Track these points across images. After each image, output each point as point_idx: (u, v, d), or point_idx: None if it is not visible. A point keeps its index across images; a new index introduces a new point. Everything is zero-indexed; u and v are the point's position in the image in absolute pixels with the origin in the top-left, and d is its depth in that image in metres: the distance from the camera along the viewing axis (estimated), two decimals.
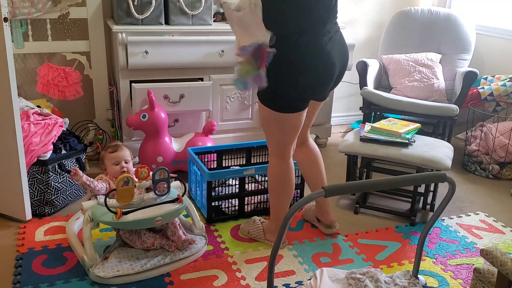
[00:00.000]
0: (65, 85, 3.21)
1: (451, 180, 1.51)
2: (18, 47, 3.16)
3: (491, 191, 3.26)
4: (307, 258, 2.42)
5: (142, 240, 2.29)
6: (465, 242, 2.63)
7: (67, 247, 2.41)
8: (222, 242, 2.52)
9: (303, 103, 2.22)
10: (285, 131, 2.27)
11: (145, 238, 2.30)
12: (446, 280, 2.30)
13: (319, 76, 2.16)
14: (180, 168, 3.17)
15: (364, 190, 2.84)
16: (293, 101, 2.19)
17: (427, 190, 2.88)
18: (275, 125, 2.27)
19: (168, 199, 2.29)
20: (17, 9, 3.04)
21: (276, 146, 2.35)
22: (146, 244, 2.29)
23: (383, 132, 2.80)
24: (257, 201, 2.80)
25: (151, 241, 2.30)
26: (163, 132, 3.08)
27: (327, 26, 2.13)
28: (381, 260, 2.44)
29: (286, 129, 2.27)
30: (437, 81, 3.58)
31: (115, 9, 3.15)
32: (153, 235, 2.32)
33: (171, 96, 3.14)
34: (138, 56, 3.05)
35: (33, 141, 2.61)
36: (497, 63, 3.86)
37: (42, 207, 2.69)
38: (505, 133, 3.37)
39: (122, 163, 2.39)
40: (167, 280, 2.21)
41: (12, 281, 2.16)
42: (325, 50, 2.12)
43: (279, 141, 2.32)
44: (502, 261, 1.50)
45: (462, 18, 3.72)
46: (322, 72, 2.15)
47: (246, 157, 3.12)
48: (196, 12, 3.20)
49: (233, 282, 2.22)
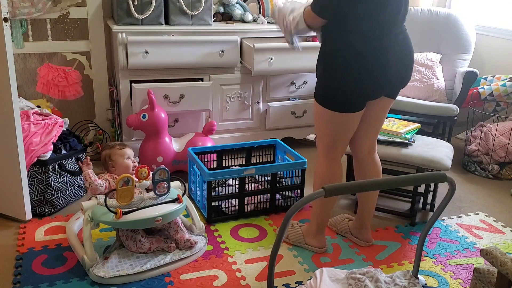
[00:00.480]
0: (65, 85, 3.22)
1: (451, 180, 1.52)
2: (18, 47, 3.17)
3: (491, 191, 3.26)
4: (307, 258, 2.42)
5: (137, 246, 2.27)
6: (465, 242, 2.63)
7: (67, 247, 2.41)
8: (222, 242, 2.52)
9: (356, 104, 2.15)
10: (336, 131, 2.22)
11: (140, 245, 2.28)
12: (446, 280, 2.30)
13: (373, 78, 2.09)
14: (180, 168, 3.17)
15: (364, 190, 2.81)
16: (345, 101, 2.14)
17: (427, 190, 2.88)
18: (326, 125, 2.22)
19: (168, 199, 2.29)
20: (17, 9, 3.04)
21: (325, 147, 2.27)
22: (142, 250, 2.28)
23: (383, 132, 2.79)
24: (257, 201, 2.80)
25: (147, 246, 2.29)
26: (163, 132, 3.08)
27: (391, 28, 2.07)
28: (381, 260, 2.44)
29: (337, 130, 2.21)
30: (437, 81, 3.58)
31: (115, 9, 3.15)
32: (149, 240, 2.31)
33: (171, 96, 3.14)
34: (138, 56, 3.05)
35: (33, 141, 2.61)
36: (497, 63, 3.86)
37: (42, 207, 2.69)
38: (505, 133, 3.37)
39: (131, 158, 2.43)
40: (167, 280, 2.21)
41: (12, 281, 2.16)
42: (382, 53, 2.06)
43: (329, 141, 2.25)
44: (502, 261, 1.50)
45: (462, 18, 3.72)
46: (377, 74, 2.08)
47: (246, 157, 3.12)
48: (196, 12, 3.20)
49: (233, 282, 2.22)
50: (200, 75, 3.32)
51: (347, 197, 3.08)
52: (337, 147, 2.27)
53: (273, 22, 3.50)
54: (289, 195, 2.90)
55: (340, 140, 2.26)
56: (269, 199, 2.81)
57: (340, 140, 2.26)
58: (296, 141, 3.81)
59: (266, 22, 3.50)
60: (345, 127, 2.22)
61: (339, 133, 2.23)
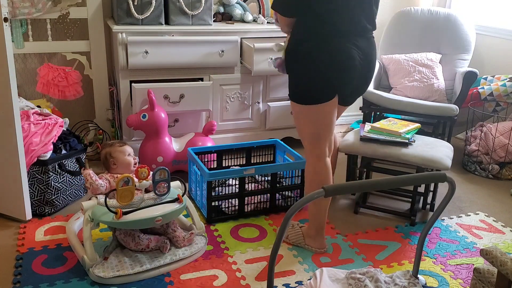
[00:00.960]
0: (65, 85, 3.22)
1: (451, 180, 1.52)
2: (18, 47, 3.17)
3: (491, 191, 3.26)
4: (307, 258, 2.42)
5: (136, 242, 2.28)
6: (465, 242, 2.63)
7: (67, 247, 2.41)
8: (222, 242, 2.52)
9: (326, 93, 2.24)
10: (316, 125, 2.30)
11: (139, 240, 2.28)
12: (446, 280, 2.30)
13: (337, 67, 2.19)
14: (180, 168, 3.17)
15: (364, 190, 2.84)
16: (315, 92, 2.23)
17: (427, 190, 2.88)
18: (306, 122, 2.31)
19: (168, 199, 2.29)
20: (17, 9, 3.04)
21: (310, 142, 2.35)
22: (141, 246, 2.29)
23: (383, 132, 2.80)
24: (257, 201, 2.80)
25: (146, 243, 2.29)
26: (163, 132, 3.08)
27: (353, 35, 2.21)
28: (381, 260, 2.44)
29: (317, 123, 2.29)
30: (437, 81, 3.58)
31: (115, 9, 3.15)
32: (148, 236, 2.32)
33: (171, 96, 3.14)
34: (138, 56, 3.05)
35: (33, 141, 2.61)
36: (497, 63, 3.86)
37: (42, 207, 2.69)
38: (505, 133, 3.37)
39: (132, 155, 2.46)
40: (167, 280, 2.21)
41: (12, 281, 2.16)
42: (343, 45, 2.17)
43: (311, 137, 2.33)
44: (502, 261, 1.50)
45: (462, 18, 3.72)
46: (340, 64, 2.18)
47: (246, 157, 3.12)
48: (196, 12, 3.20)
49: (233, 282, 2.22)
50: (200, 75, 3.32)
51: (347, 197, 3.08)
52: (320, 142, 2.33)
53: (273, 22, 3.51)
54: (289, 195, 2.90)
55: (322, 133, 2.32)
56: (269, 199, 2.81)
57: (322, 134, 2.32)
58: (296, 141, 3.80)
59: (266, 22, 3.50)
60: (324, 119, 2.29)
61: (319, 127, 2.30)
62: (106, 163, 2.45)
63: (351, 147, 2.80)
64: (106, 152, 2.44)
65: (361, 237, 2.63)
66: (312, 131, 2.31)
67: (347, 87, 2.28)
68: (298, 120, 2.36)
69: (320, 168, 2.35)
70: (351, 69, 2.21)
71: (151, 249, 2.31)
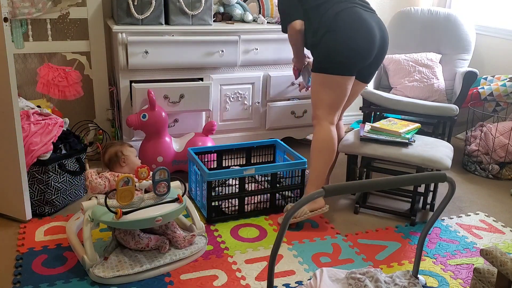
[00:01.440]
0: (65, 85, 3.22)
1: (451, 180, 1.52)
2: (18, 47, 3.17)
3: (491, 191, 3.26)
4: (307, 258, 2.42)
5: (136, 240, 2.28)
6: (465, 242, 2.63)
7: (67, 247, 2.41)
8: (222, 242, 2.53)
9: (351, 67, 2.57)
10: (336, 94, 2.61)
11: (139, 239, 2.28)
12: (446, 280, 2.30)
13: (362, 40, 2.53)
14: (180, 168, 3.17)
15: (364, 190, 2.84)
16: (341, 64, 2.55)
17: (427, 190, 2.88)
18: (326, 90, 2.61)
19: (168, 199, 2.29)
20: (17, 9, 3.04)
21: (326, 110, 2.64)
22: (141, 244, 2.29)
23: (383, 132, 2.80)
24: (257, 201, 2.80)
25: (146, 242, 2.29)
26: (163, 132, 3.08)
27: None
28: (381, 260, 2.44)
29: (336, 92, 2.61)
30: (437, 81, 3.58)
31: (115, 9, 3.15)
32: (147, 236, 2.32)
33: (171, 96, 3.14)
34: (138, 56, 3.05)
35: (33, 141, 2.61)
36: (497, 63, 3.86)
37: (42, 207, 2.69)
38: (505, 133, 3.37)
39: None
40: (167, 280, 2.21)
41: (12, 281, 2.16)
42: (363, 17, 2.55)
43: (329, 104, 2.63)
44: (502, 261, 1.51)
45: (462, 18, 3.72)
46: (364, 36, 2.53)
47: (246, 157, 3.12)
48: (196, 12, 3.20)
49: (233, 282, 2.22)
50: (200, 75, 3.32)
51: (347, 197, 3.08)
52: (335, 111, 2.66)
53: (273, 22, 3.51)
54: (289, 195, 2.90)
55: (339, 103, 2.65)
56: (269, 199, 2.81)
57: (339, 104, 2.66)
58: (296, 141, 3.81)
59: (266, 22, 3.50)
60: (343, 90, 2.61)
61: (338, 96, 2.62)
62: (114, 160, 2.44)
63: (351, 147, 2.80)
64: (117, 149, 2.45)
65: (361, 237, 2.63)
66: (331, 101, 2.62)
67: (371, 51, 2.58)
68: (320, 90, 2.63)
69: (333, 132, 2.64)
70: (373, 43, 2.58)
71: (151, 248, 2.31)
